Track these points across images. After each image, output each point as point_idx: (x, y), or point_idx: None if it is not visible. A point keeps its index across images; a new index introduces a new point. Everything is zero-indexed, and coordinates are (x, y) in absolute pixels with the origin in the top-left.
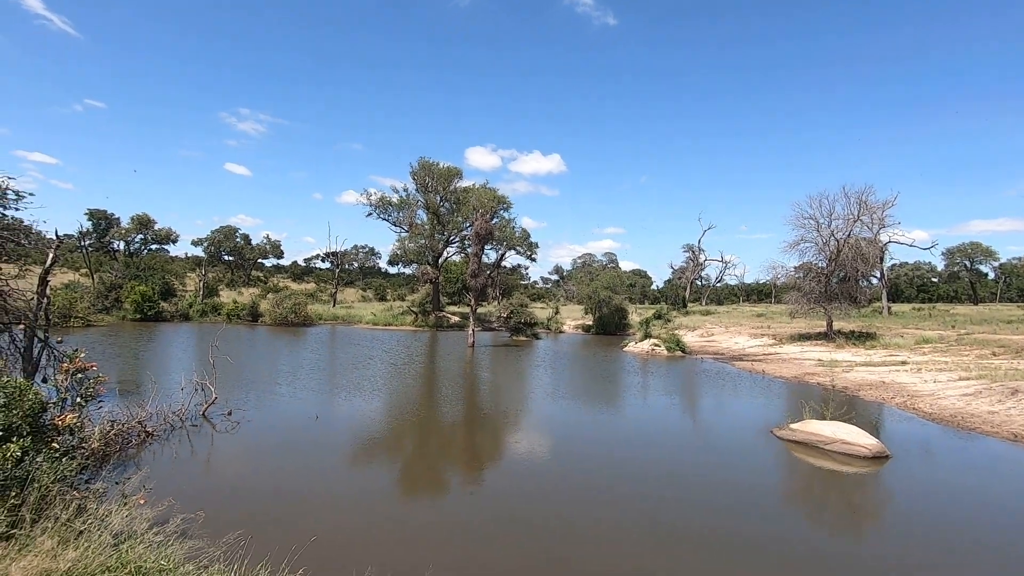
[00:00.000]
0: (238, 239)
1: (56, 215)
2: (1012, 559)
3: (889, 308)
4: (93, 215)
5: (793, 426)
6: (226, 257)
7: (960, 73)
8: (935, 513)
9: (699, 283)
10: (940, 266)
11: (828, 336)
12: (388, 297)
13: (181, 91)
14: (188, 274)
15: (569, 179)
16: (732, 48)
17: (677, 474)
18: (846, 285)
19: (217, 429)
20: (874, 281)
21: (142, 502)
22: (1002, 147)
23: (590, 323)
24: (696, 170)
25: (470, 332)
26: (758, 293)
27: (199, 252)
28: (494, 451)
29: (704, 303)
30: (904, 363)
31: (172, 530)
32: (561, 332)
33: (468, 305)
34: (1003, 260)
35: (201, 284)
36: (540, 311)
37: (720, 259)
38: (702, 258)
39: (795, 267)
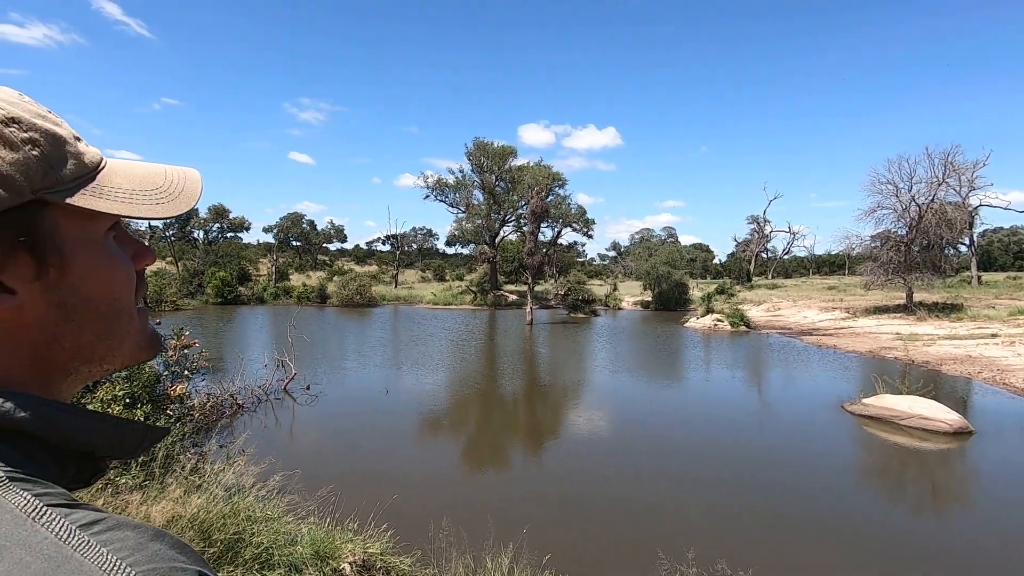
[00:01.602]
0: (304, 225)
1: None
2: None
3: (979, 277)
4: None
5: (866, 401)
6: (294, 243)
7: None
8: (1019, 493)
9: (765, 256)
10: None
11: (908, 308)
12: (447, 277)
13: (247, 85)
14: (261, 260)
15: (625, 152)
16: (790, 9)
17: (742, 450)
18: (929, 254)
19: (297, 402)
20: (962, 249)
21: (244, 463)
22: None
23: (649, 299)
24: (760, 137)
25: (528, 310)
26: (829, 265)
27: (269, 239)
28: (554, 425)
29: (770, 276)
30: (995, 336)
31: (273, 486)
32: (619, 309)
33: (525, 283)
34: None
35: (273, 269)
36: (598, 288)
37: (788, 230)
38: (768, 229)
39: (871, 236)
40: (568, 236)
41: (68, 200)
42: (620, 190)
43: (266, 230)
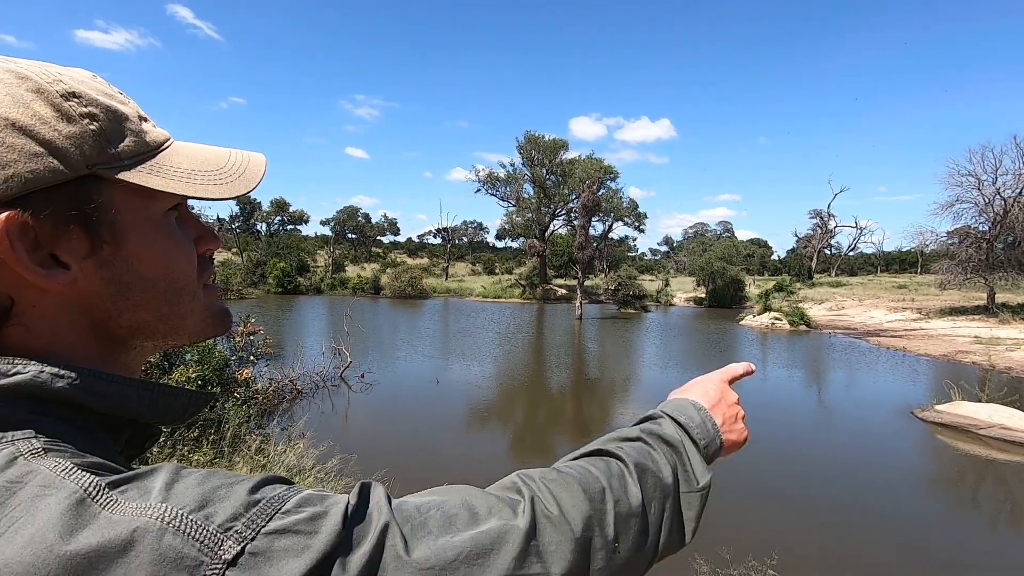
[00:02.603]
0: (359, 218)
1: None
2: None
3: None
4: (240, 200)
5: (939, 408)
6: (349, 235)
7: None
8: None
9: (828, 252)
10: None
11: (989, 310)
12: (496, 270)
13: (306, 83)
14: (318, 251)
15: (679, 145)
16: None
17: (799, 457)
18: (1015, 251)
19: (353, 389)
20: None
21: (304, 445)
22: None
23: (702, 296)
24: (823, 126)
25: (577, 304)
26: (900, 262)
27: (326, 231)
28: (600, 419)
29: (834, 274)
30: None
31: (331, 468)
32: (671, 305)
33: (575, 278)
34: None
35: (330, 260)
36: (649, 283)
37: (854, 225)
38: (832, 224)
39: (948, 232)
40: (619, 230)
41: (122, 175)
42: (673, 183)
43: (323, 223)
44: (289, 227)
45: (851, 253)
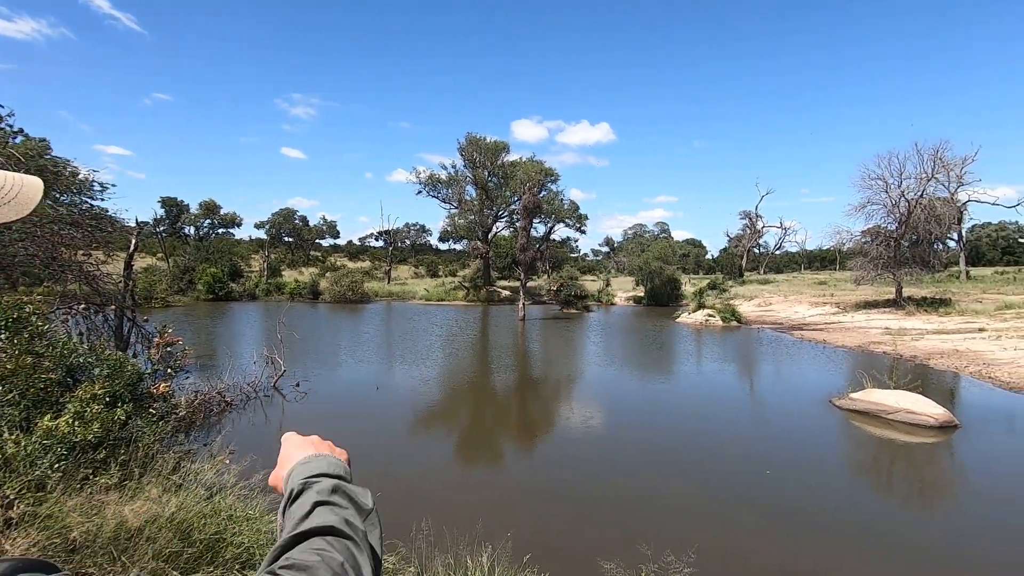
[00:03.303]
0: (296, 221)
1: (133, 203)
2: None
3: (968, 272)
4: (166, 203)
5: (853, 395)
6: (286, 238)
7: None
8: (1009, 486)
9: (757, 251)
10: None
11: (897, 303)
12: (440, 273)
13: (238, 80)
14: (253, 256)
15: (618, 148)
16: (780, 5)
17: (731, 443)
18: (918, 249)
19: (287, 399)
20: (951, 244)
21: (227, 461)
22: None
23: (641, 295)
24: (753, 132)
25: (521, 306)
26: (821, 260)
27: (261, 234)
28: (544, 420)
29: (762, 272)
30: (982, 330)
31: (255, 484)
32: (612, 304)
33: (518, 279)
34: None
35: (265, 265)
36: (590, 283)
37: (779, 225)
38: (760, 225)
39: (861, 231)
40: (561, 232)
41: None
42: (613, 185)
43: (258, 226)
44: (220, 230)
45: (778, 252)
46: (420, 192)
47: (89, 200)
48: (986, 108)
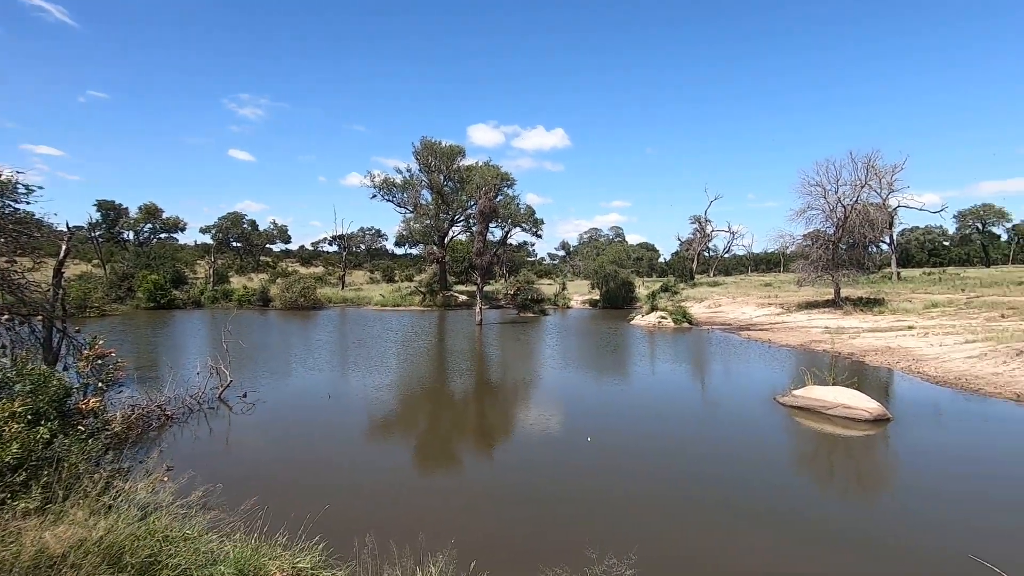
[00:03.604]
0: (245, 225)
1: (66, 207)
2: (1009, 516)
3: (899, 274)
4: (102, 206)
5: (796, 392)
6: (234, 244)
7: (967, 39)
8: (934, 473)
9: (707, 255)
10: (951, 229)
11: (836, 304)
12: (396, 278)
13: (181, 78)
14: (198, 262)
15: (573, 153)
16: (735, 15)
17: (683, 442)
18: (854, 252)
19: (233, 411)
20: (883, 247)
21: (165, 479)
22: (1012, 106)
23: (597, 298)
24: (702, 139)
25: (477, 310)
26: (766, 263)
27: (207, 239)
28: (502, 424)
29: (712, 274)
30: (911, 328)
31: (194, 502)
32: (568, 307)
33: (475, 284)
34: (1016, 221)
35: (211, 271)
36: (547, 287)
37: (728, 229)
38: (709, 229)
39: (803, 235)
40: (518, 236)
41: None
42: (569, 190)
43: (204, 230)
44: (163, 235)
45: (726, 255)
46: (375, 196)
47: (13, 204)
48: (917, 117)
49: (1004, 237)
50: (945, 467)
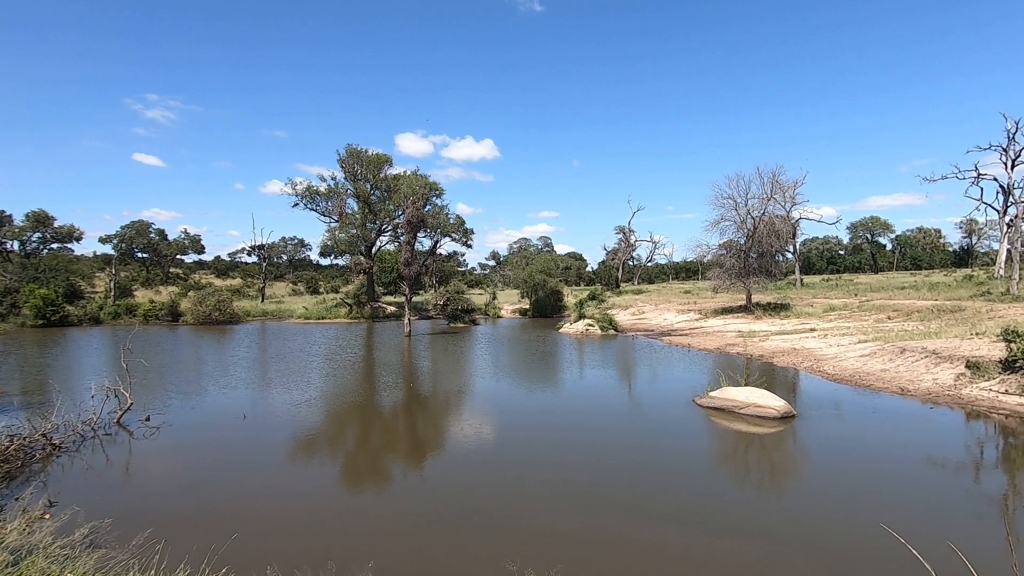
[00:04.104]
0: (152, 234)
1: None
2: (897, 499)
3: (802, 280)
4: None
5: (712, 394)
6: (140, 254)
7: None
8: (836, 460)
9: (631, 263)
10: (845, 239)
11: (748, 309)
12: (321, 290)
13: (77, 75)
14: (97, 274)
15: (503, 164)
16: (652, 34)
17: (607, 448)
18: (763, 260)
19: (134, 436)
20: (788, 255)
21: (46, 516)
22: (897, 127)
23: (527, 307)
24: (624, 152)
25: (406, 321)
26: (686, 271)
27: (108, 250)
28: (433, 437)
29: (636, 283)
30: (813, 330)
31: (78, 541)
32: (499, 317)
33: (404, 294)
34: (898, 232)
35: (112, 284)
36: (477, 297)
37: (650, 239)
38: (633, 239)
39: (718, 245)
40: (448, 246)
41: None
42: (499, 200)
43: (103, 240)
44: (54, 245)
45: (649, 264)
46: (297, 205)
47: None
48: (815, 138)
49: (889, 246)
50: (844, 455)
